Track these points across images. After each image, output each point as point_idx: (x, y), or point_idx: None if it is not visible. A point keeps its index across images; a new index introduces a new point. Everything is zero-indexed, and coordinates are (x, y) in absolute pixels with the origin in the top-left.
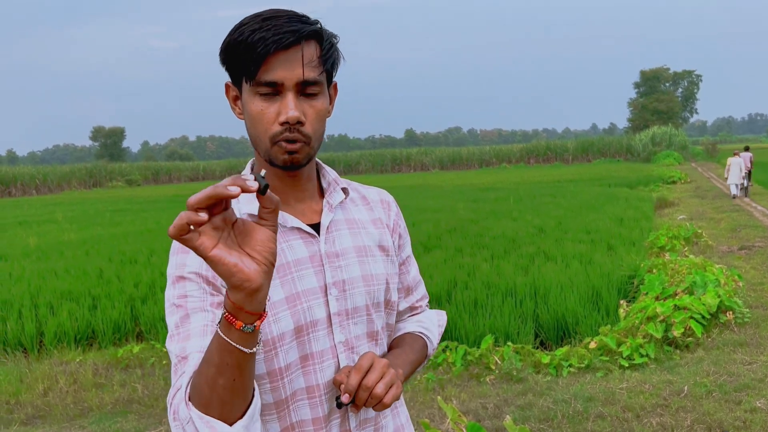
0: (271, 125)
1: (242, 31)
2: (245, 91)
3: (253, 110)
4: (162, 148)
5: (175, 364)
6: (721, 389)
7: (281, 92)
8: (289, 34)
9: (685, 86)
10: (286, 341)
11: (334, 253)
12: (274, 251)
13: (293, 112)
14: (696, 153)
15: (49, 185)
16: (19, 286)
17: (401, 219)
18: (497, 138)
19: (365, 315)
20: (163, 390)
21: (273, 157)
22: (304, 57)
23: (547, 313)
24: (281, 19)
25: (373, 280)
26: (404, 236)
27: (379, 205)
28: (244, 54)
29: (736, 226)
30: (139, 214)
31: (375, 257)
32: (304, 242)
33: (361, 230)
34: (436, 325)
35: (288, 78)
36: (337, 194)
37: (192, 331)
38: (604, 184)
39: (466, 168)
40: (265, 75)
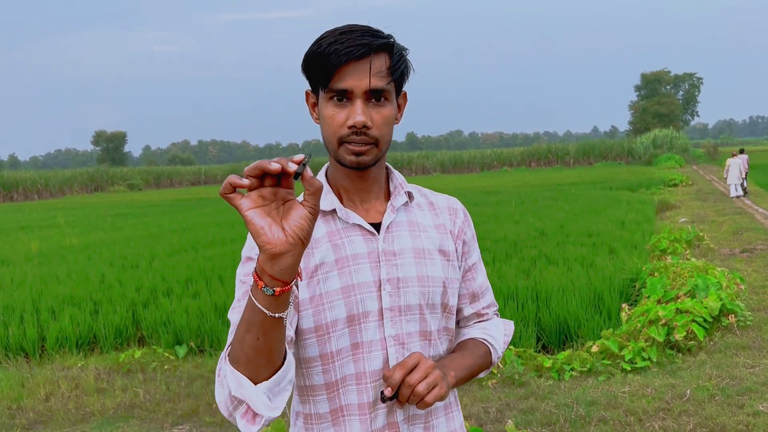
0: (340, 128)
1: (320, 43)
2: (321, 97)
3: (325, 114)
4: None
5: (230, 331)
6: (723, 393)
7: (351, 99)
8: (360, 47)
9: (686, 89)
10: (338, 327)
11: (391, 251)
12: (306, 228)
13: (360, 117)
14: (697, 156)
15: (50, 190)
16: (20, 291)
17: (469, 227)
18: (498, 141)
19: (418, 314)
20: (164, 395)
21: (340, 158)
22: (373, 68)
23: (549, 316)
24: (355, 33)
25: (429, 281)
26: (470, 244)
27: (445, 211)
28: (320, 64)
29: (738, 228)
30: (140, 219)
31: (433, 260)
32: (364, 239)
33: (422, 233)
34: (502, 333)
35: (357, 86)
36: (400, 197)
37: None
38: (606, 187)
39: (468, 171)
40: (336, 83)
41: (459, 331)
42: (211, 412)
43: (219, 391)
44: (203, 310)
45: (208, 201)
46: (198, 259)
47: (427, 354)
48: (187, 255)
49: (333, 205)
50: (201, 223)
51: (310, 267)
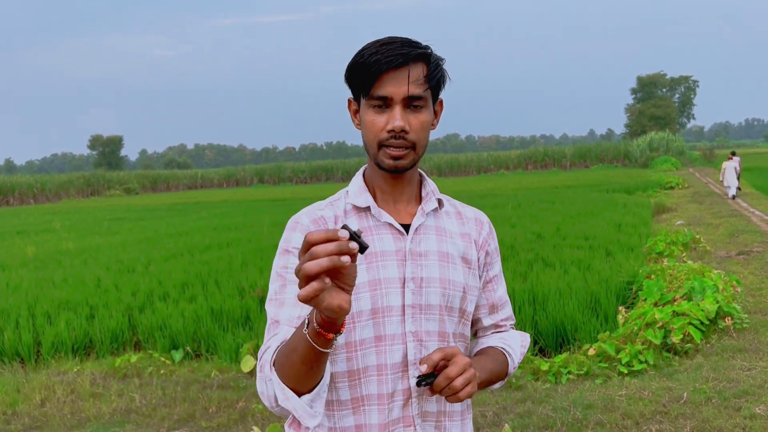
0: (380, 132)
1: (362, 54)
2: (362, 104)
3: (366, 120)
4: (160, 156)
5: (269, 326)
6: (720, 395)
7: (390, 105)
8: (399, 57)
9: (682, 92)
10: (363, 318)
11: (417, 252)
12: (356, 275)
13: (399, 122)
14: (693, 158)
15: (47, 194)
16: (16, 295)
17: (493, 240)
18: (495, 144)
19: (438, 314)
20: (160, 400)
21: (380, 161)
22: (411, 76)
23: (546, 319)
24: (395, 44)
25: (450, 284)
26: (493, 256)
27: (472, 222)
28: (362, 73)
29: (734, 231)
30: (137, 223)
31: (456, 265)
32: (393, 237)
33: (448, 239)
34: (519, 345)
35: (396, 93)
36: (431, 203)
37: (286, 300)
38: (602, 190)
39: (464, 174)
40: (377, 90)
41: (477, 341)
42: (208, 417)
43: (263, 388)
44: (199, 315)
45: (204, 205)
46: (194, 264)
47: None
48: (184, 259)
49: (368, 202)
50: (197, 227)
51: None
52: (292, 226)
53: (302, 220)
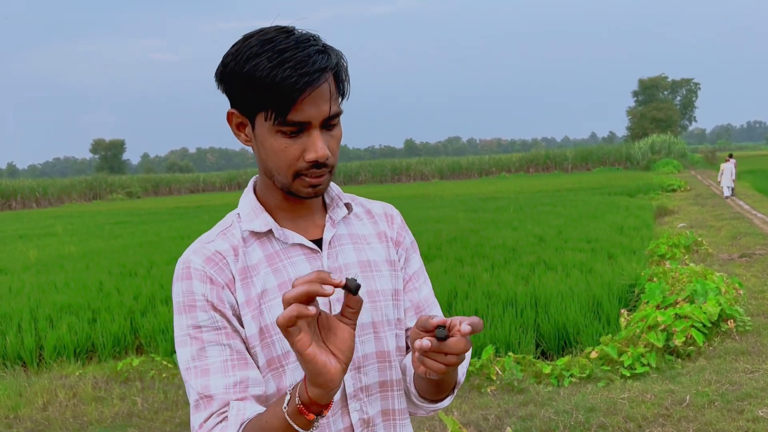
0: (296, 161)
1: (257, 64)
2: (262, 125)
3: (275, 146)
4: (162, 160)
5: (197, 401)
6: (723, 398)
7: (306, 129)
8: (317, 74)
9: (684, 94)
10: (291, 360)
11: (337, 268)
12: (353, 348)
13: (323, 150)
14: (695, 161)
15: (49, 198)
16: (18, 299)
17: (407, 234)
18: (497, 147)
19: (372, 333)
20: (162, 403)
21: (295, 190)
22: (327, 93)
23: (548, 322)
24: (298, 50)
25: (379, 296)
26: (411, 251)
27: (383, 218)
28: (266, 92)
29: (736, 233)
30: (139, 227)
31: (381, 272)
32: (307, 258)
33: (365, 245)
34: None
35: (315, 117)
36: (339, 210)
37: (211, 367)
38: (604, 193)
39: (466, 177)
40: (293, 116)
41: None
42: None
43: None
44: None
45: (206, 208)
46: None
47: (385, 377)
48: None
49: (268, 225)
50: (199, 230)
51: (252, 298)
52: (185, 274)
53: (194, 262)
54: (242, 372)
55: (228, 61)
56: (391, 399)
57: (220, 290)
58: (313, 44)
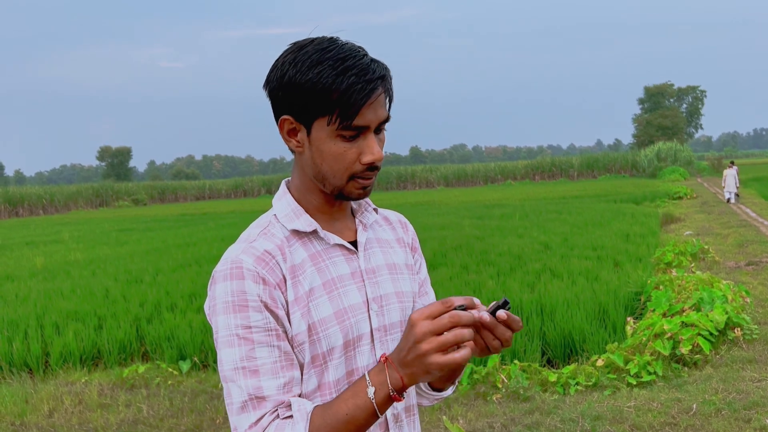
0: (353, 164)
1: (322, 72)
2: (322, 130)
3: (334, 150)
4: (168, 167)
5: (245, 402)
6: (730, 407)
7: (363, 133)
8: (378, 81)
9: (690, 102)
10: (335, 356)
11: (371, 269)
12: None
13: (380, 153)
14: (701, 168)
15: (56, 205)
16: (25, 306)
17: (417, 240)
18: (502, 155)
19: (399, 332)
20: (168, 410)
21: (346, 192)
22: (383, 99)
23: (554, 330)
24: (356, 58)
25: (404, 297)
26: (419, 259)
27: (398, 225)
28: (332, 99)
29: (743, 241)
30: (145, 234)
31: (403, 275)
32: (346, 259)
33: (389, 249)
34: None
35: (374, 121)
36: (370, 214)
37: (261, 368)
38: (610, 200)
39: (471, 185)
40: (358, 121)
41: None
42: (215, 428)
43: None
44: (207, 326)
45: (212, 216)
46: (202, 274)
47: None
48: (191, 270)
49: (313, 225)
50: (205, 237)
51: (301, 296)
52: (236, 273)
53: (245, 262)
54: (290, 372)
55: (286, 70)
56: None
57: (272, 290)
58: (364, 53)
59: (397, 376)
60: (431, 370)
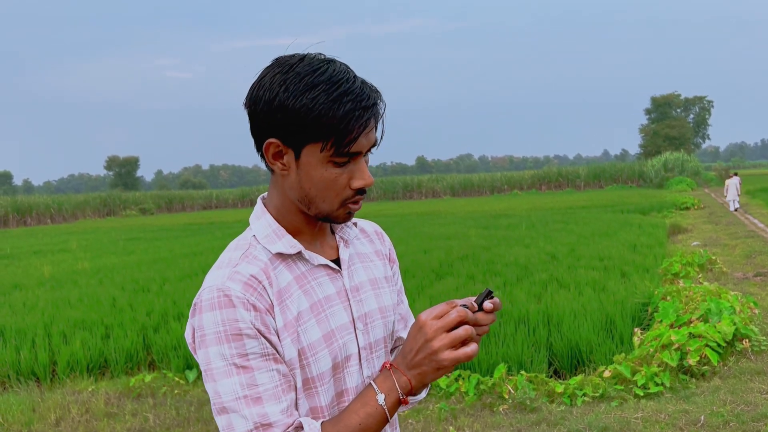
0: (343, 190)
1: (317, 98)
2: (312, 155)
3: (326, 177)
4: (176, 176)
5: (251, 430)
6: (738, 419)
7: (354, 158)
8: (374, 108)
9: (697, 112)
10: (325, 380)
11: (355, 287)
12: None
13: (371, 178)
14: (709, 179)
15: (63, 214)
16: (32, 315)
17: (393, 251)
18: (508, 165)
19: (383, 348)
20: (174, 420)
21: (334, 216)
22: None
23: (561, 341)
24: (349, 82)
25: (387, 311)
26: (395, 268)
27: (375, 236)
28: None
29: (751, 252)
30: (152, 243)
31: (384, 289)
32: (330, 279)
33: (369, 263)
34: None
35: (365, 146)
36: (350, 229)
37: (264, 394)
38: (617, 211)
39: (478, 195)
40: (353, 148)
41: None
42: None
43: None
44: None
45: (219, 225)
46: None
47: None
48: (198, 279)
49: (296, 247)
50: (212, 247)
51: (289, 321)
52: (224, 302)
53: (233, 290)
54: (291, 395)
55: (276, 92)
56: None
57: (264, 316)
58: (354, 75)
59: (405, 379)
60: (443, 366)
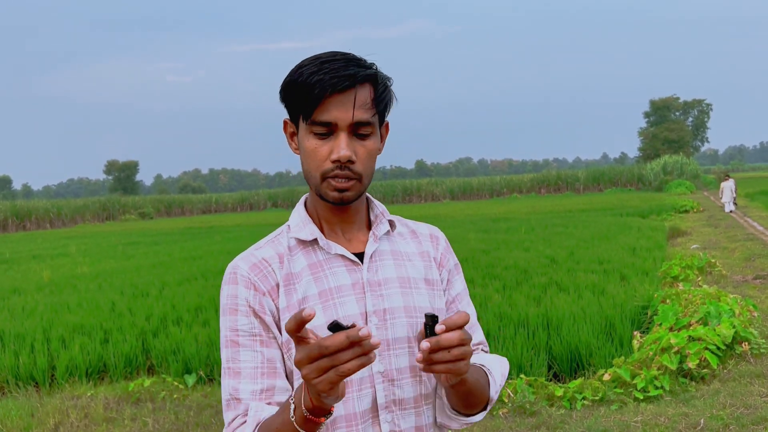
0: (323, 162)
1: (302, 72)
2: (301, 128)
3: (307, 147)
4: (175, 181)
5: (228, 401)
6: (738, 422)
7: (335, 132)
8: (345, 78)
9: (696, 115)
10: None
11: (376, 281)
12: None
13: (345, 150)
14: (708, 182)
15: (63, 219)
16: (31, 319)
17: (451, 256)
18: (508, 168)
19: (407, 347)
20: (173, 424)
21: (323, 193)
22: (357, 100)
23: (560, 344)
24: (338, 62)
25: (416, 312)
26: (453, 273)
27: (428, 239)
28: (301, 94)
29: (750, 255)
30: (151, 247)
31: (419, 289)
32: (348, 270)
33: (406, 262)
34: (499, 367)
35: (341, 119)
36: (383, 225)
37: (243, 371)
38: (616, 214)
39: (477, 198)
40: (320, 115)
41: None
42: None
43: None
44: (213, 339)
45: (218, 229)
46: (208, 288)
47: (418, 392)
48: (197, 283)
49: (314, 234)
50: (211, 251)
51: (293, 303)
52: (232, 278)
53: (240, 268)
54: (270, 380)
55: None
56: (423, 414)
57: (261, 297)
58: (355, 61)
59: (307, 396)
60: (312, 388)
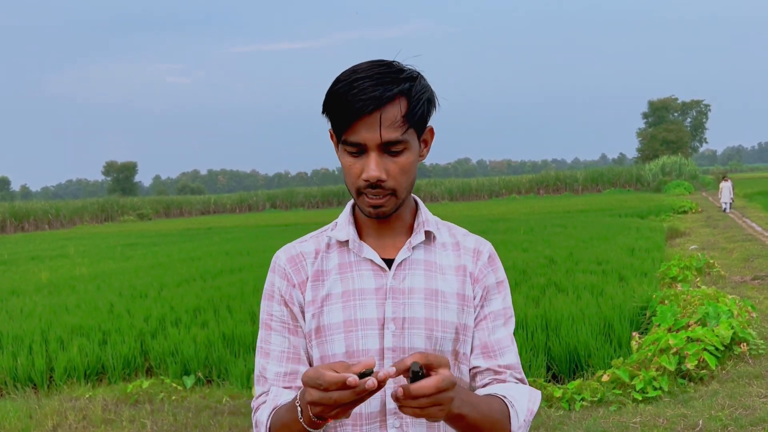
0: (357, 179)
1: (336, 91)
2: (339, 144)
3: (343, 163)
4: (173, 182)
5: (257, 377)
6: (736, 423)
7: (366, 150)
8: (370, 102)
9: (694, 116)
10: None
11: (400, 290)
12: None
13: (374, 171)
14: (706, 182)
15: (61, 220)
16: (30, 321)
17: (492, 272)
18: (506, 169)
19: None
20: (172, 426)
21: (360, 207)
22: (385, 120)
23: (559, 345)
24: (370, 80)
25: (438, 325)
26: (493, 291)
27: (470, 253)
28: (333, 115)
29: (749, 255)
30: (150, 248)
31: (447, 304)
32: (374, 274)
33: (438, 275)
34: (526, 399)
35: (370, 140)
36: (419, 235)
37: (272, 353)
38: (615, 215)
39: (476, 199)
40: (350, 137)
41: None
42: None
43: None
44: (211, 340)
45: (216, 230)
46: (206, 289)
47: None
48: (196, 284)
49: (348, 235)
50: (209, 252)
51: (317, 298)
52: (272, 267)
53: (280, 258)
54: (293, 365)
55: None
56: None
57: (292, 289)
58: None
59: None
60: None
